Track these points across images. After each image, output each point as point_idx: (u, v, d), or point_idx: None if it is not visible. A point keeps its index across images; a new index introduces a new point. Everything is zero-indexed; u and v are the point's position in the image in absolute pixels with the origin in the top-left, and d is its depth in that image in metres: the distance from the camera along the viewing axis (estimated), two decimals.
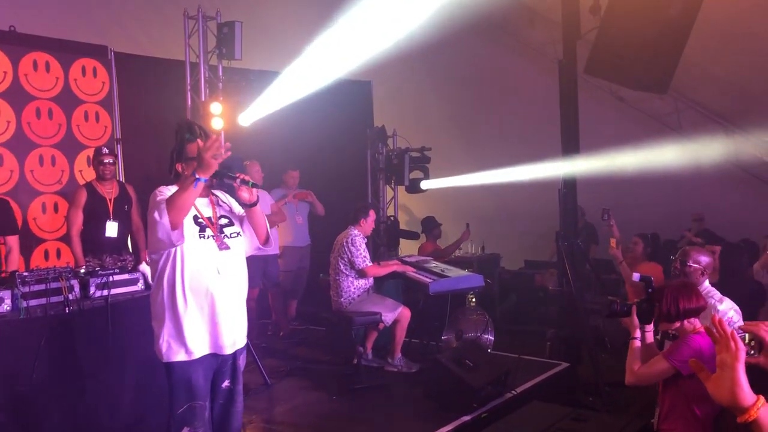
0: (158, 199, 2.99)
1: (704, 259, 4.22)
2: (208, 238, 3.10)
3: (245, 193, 3.13)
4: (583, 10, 6.13)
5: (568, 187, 6.01)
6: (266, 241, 3.34)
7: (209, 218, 3.17)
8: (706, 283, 4.21)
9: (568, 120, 5.98)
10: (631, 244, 6.11)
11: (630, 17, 5.71)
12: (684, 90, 8.77)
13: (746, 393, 1.64)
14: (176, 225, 2.91)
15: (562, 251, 5.91)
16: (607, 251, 6.50)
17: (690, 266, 4.17)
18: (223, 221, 3.23)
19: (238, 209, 3.34)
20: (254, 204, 3.18)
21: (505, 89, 10.06)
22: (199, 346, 3.08)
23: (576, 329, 5.96)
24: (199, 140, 3.15)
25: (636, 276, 4.00)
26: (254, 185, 3.13)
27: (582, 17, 6.09)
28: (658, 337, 3.78)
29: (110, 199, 5.37)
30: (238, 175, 3.11)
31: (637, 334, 3.47)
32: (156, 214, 2.90)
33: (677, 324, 3.31)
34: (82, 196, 5.34)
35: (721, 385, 1.66)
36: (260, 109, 7.00)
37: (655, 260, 6.05)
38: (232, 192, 3.29)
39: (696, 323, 3.32)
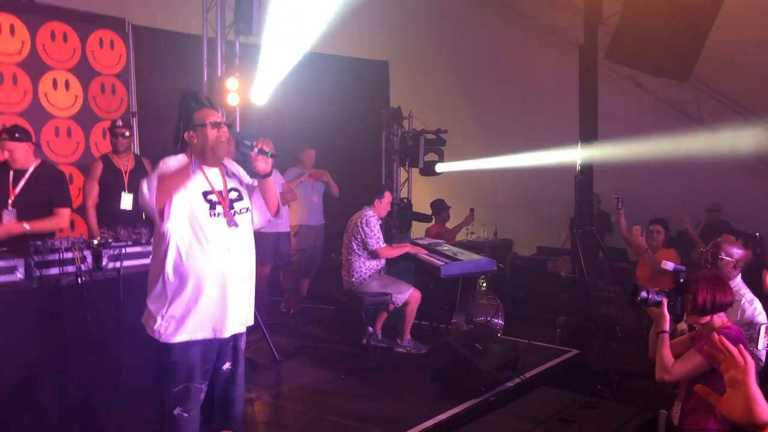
0: (157, 171, 2.92)
1: (737, 252, 4.08)
2: (218, 215, 3.04)
3: (261, 163, 3.06)
4: None
5: (585, 173, 5.96)
6: (277, 213, 3.28)
7: (220, 192, 3.10)
8: (738, 278, 4.07)
9: (587, 106, 5.91)
10: (654, 232, 6.03)
11: (653, 3, 5.62)
12: (706, 79, 8.64)
13: (763, 407, 1.56)
14: (162, 206, 2.88)
15: (576, 238, 5.87)
16: (621, 239, 6.47)
17: (722, 259, 4.04)
18: (233, 195, 3.16)
19: (248, 179, 3.26)
20: (269, 174, 3.12)
21: (522, 73, 9.96)
22: (203, 328, 3.02)
23: (587, 317, 5.93)
24: (215, 129, 3.06)
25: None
26: (272, 155, 3.05)
27: (604, 2, 6.00)
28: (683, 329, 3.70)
29: (125, 172, 5.38)
30: (255, 143, 3.03)
31: (668, 326, 3.27)
32: (145, 188, 2.85)
33: (707, 318, 3.20)
34: (98, 168, 5.34)
35: (735, 404, 1.58)
36: (269, 83, 6.92)
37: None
38: (246, 162, 3.23)
39: (724, 318, 3.23)
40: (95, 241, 4.07)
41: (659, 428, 3.35)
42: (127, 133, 5.42)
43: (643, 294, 3.29)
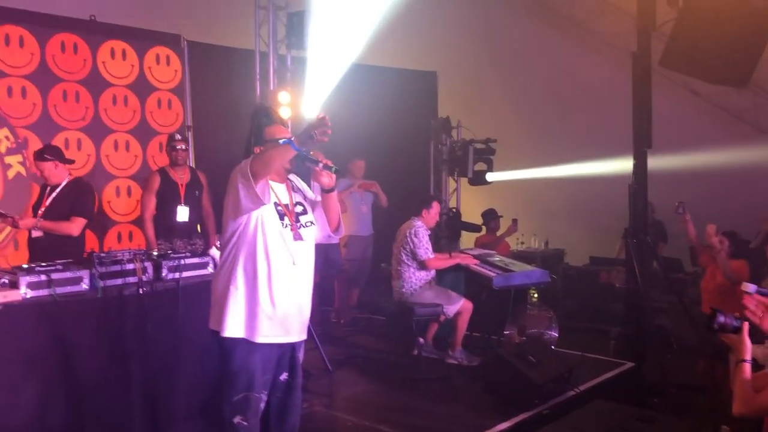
0: (242, 166, 2.96)
1: None
2: (286, 227, 3.10)
3: (325, 178, 3.11)
4: (659, 0, 5.94)
5: (640, 182, 5.85)
6: (337, 229, 3.33)
7: (286, 205, 3.17)
8: None
9: (641, 113, 5.81)
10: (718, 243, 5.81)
11: (711, 8, 5.51)
12: (765, 84, 8.40)
13: None
14: (259, 178, 2.89)
15: (631, 248, 5.77)
16: (676, 249, 6.31)
17: None
18: (299, 209, 3.23)
19: (311, 195, 3.34)
20: (332, 189, 3.18)
21: (572, 81, 9.84)
22: (264, 333, 3.06)
23: (642, 328, 5.82)
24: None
25: (751, 287, 3.52)
26: (336, 170, 3.09)
27: (657, 8, 5.90)
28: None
29: (182, 185, 5.51)
30: (321, 159, 3.08)
31: (749, 355, 2.91)
32: (240, 176, 2.90)
33: None
34: (156, 181, 5.49)
35: None
36: (319, 96, 7.01)
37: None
38: (307, 177, 3.29)
39: None
40: (155, 253, 4.18)
41: None
42: (184, 147, 5.58)
43: (720, 319, 2.95)
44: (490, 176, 8.50)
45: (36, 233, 4.66)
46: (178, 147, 5.51)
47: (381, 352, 6.28)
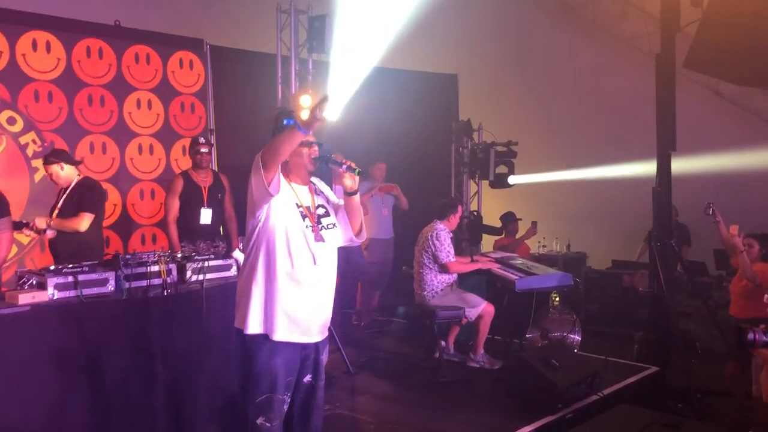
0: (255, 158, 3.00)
1: None
2: (307, 227, 3.13)
3: (349, 181, 3.14)
4: (683, 1, 5.90)
5: (663, 185, 5.80)
6: (359, 233, 3.35)
7: (308, 207, 3.20)
8: None
9: (665, 115, 5.76)
10: (746, 246, 5.69)
11: (735, 8, 5.45)
12: None
13: None
14: (269, 167, 2.92)
15: (654, 251, 5.71)
16: (700, 252, 6.22)
17: None
18: (321, 211, 3.26)
19: (334, 199, 3.37)
20: (355, 192, 3.20)
21: (595, 83, 9.78)
22: (286, 332, 3.09)
23: (666, 332, 5.76)
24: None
25: None
26: (360, 173, 3.12)
27: (681, 9, 5.86)
28: None
29: (205, 188, 5.56)
30: (344, 161, 3.11)
31: None
32: (253, 167, 2.96)
33: None
34: (179, 184, 5.54)
35: None
36: (341, 99, 7.04)
37: None
38: (330, 181, 3.33)
39: None
40: (179, 255, 4.22)
41: None
42: (208, 150, 5.64)
43: (750, 336, 2.93)
44: (512, 179, 8.47)
45: (50, 234, 4.72)
46: (202, 150, 5.56)
47: (402, 354, 6.28)
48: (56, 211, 4.81)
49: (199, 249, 5.35)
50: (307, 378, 3.26)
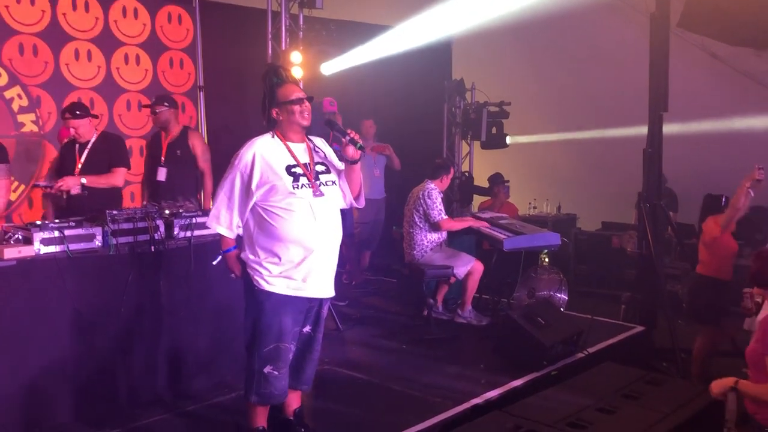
0: (225, 181, 3.22)
1: None
2: (302, 186, 3.16)
3: (351, 150, 3.22)
4: None
5: (654, 146, 5.79)
6: (358, 197, 3.42)
7: (305, 164, 3.23)
8: None
9: (658, 76, 5.73)
10: None
11: None
12: None
13: None
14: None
15: (644, 213, 5.73)
16: (689, 215, 6.20)
17: None
18: (320, 167, 3.30)
19: (334, 159, 3.41)
20: (356, 161, 3.26)
21: (588, 43, 9.66)
22: (293, 285, 3.18)
23: (653, 293, 5.81)
24: None
25: None
26: (361, 147, 3.23)
27: None
28: None
29: (164, 146, 5.40)
30: (349, 132, 3.20)
31: None
32: (215, 207, 3.27)
33: None
34: (149, 144, 5.57)
35: None
36: (345, 61, 7.00)
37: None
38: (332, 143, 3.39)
39: None
40: (167, 211, 4.20)
41: (728, 407, 3.23)
42: (160, 110, 5.35)
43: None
44: (508, 140, 8.41)
45: (76, 191, 4.59)
46: (157, 111, 5.35)
47: (392, 313, 6.32)
48: (79, 167, 4.69)
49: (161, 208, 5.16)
50: (307, 328, 3.38)
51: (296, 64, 6.64)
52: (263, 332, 3.19)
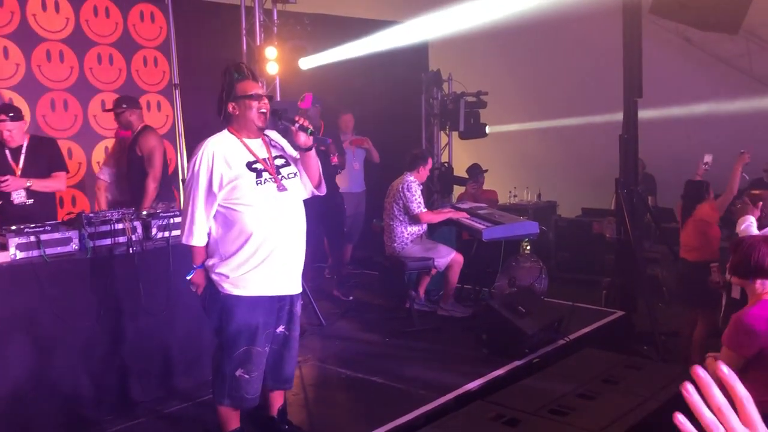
0: (189, 195, 3.15)
1: None
2: (265, 182, 3.12)
3: (302, 137, 3.15)
4: None
5: (630, 132, 5.83)
6: (319, 185, 3.36)
7: (265, 160, 3.19)
8: None
9: (631, 62, 5.77)
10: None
11: None
12: (757, 30, 8.31)
13: None
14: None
15: (621, 198, 5.78)
16: (668, 200, 6.27)
17: None
18: (279, 161, 3.26)
19: (291, 151, 3.37)
20: (309, 148, 3.21)
21: (563, 32, 9.70)
22: (259, 284, 3.13)
23: (633, 278, 5.87)
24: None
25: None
26: (312, 132, 3.15)
27: None
28: None
29: (128, 147, 5.25)
30: (297, 119, 3.14)
31: None
32: (188, 223, 3.20)
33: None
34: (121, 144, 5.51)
35: None
36: (323, 57, 6.98)
37: None
38: (287, 135, 3.33)
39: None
40: (144, 213, 4.18)
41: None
42: (117, 111, 5.22)
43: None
44: (488, 129, 8.42)
45: (20, 200, 4.47)
46: (117, 112, 5.18)
47: (374, 306, 6.34)
48: (18, 173, 4.53)
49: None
50: (281, 328, 3.33)
51: (271, 60, 6.61)
52: (233, 336, 3.14)
